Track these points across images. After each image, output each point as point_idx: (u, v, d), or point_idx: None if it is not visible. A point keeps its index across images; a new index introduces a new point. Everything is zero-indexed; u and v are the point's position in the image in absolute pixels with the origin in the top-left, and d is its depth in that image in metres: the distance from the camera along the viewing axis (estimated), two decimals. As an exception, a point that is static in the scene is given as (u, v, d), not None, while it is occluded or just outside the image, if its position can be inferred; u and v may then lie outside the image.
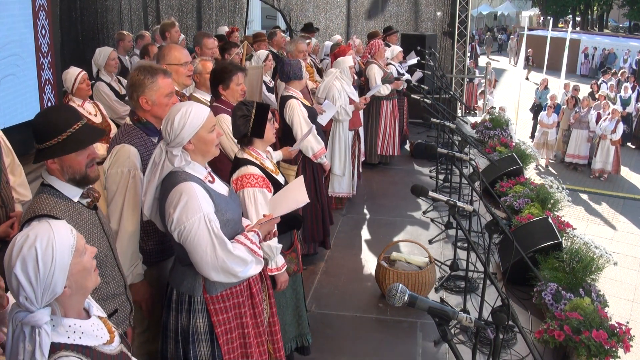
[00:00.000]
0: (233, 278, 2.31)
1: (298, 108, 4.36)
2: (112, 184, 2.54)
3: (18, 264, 1.45)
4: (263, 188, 2.76)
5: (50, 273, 1.46)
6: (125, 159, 2.54)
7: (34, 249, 1.46)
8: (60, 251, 1.49)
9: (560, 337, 3.31)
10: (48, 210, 2.00)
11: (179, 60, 3.39)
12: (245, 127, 2.80)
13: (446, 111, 6.63)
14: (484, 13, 39.17)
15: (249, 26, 14.43)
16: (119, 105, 5.24)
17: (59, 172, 2.05)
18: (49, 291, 1.47)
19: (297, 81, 4.48)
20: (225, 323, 2.38)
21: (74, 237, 1.54)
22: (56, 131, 1.99)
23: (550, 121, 13.05)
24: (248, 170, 2.78)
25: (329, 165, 4.67)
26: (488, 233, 3.47)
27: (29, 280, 1.45)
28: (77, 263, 1.54)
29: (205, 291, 2.35)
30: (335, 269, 4.77)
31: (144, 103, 2.63)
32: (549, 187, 5.58)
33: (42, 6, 6.41)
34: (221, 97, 3.61)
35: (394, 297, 1.91)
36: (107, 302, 2.24)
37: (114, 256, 2.30)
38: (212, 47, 5.15)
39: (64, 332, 1.53)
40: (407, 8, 10.47)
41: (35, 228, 1.52)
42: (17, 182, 3.02)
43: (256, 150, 2.89)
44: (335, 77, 5.50)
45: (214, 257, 2.22)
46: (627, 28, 36.07)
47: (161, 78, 2.65)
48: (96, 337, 1.60)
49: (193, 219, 2.19)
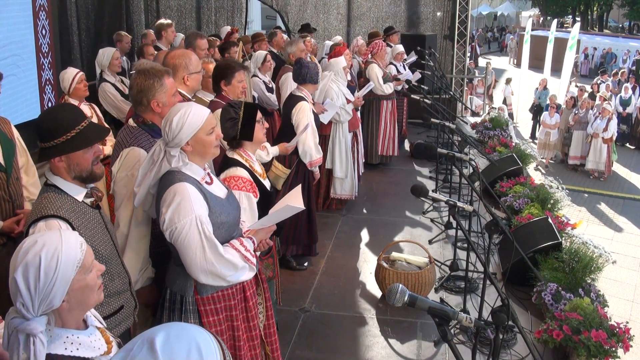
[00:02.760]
0: (222, 282, 2.30)
1: (308, 112, 4.37)
2: (121, 188, 2.53)
3: (20, 269, 1.44)
4: (250, 192, 2.75)
5: (50, 285, 1.44)
6: (134, 162, 2.53)
7: (38, 257, 1.44)
8: (65, 265, 1.46)
9: (560, 337, 3.32)
10: (55, 210, 2.01)
11: (198, 67, 3.35)
12: (233, 130, 2.79)
13: (446, 111, 6.63)
14: (483, 13, 39.19)
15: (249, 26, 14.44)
16: (126, 105, 5.23)
17: (65, 170, 2.07)
18: (46, 302, 1.45)
19: (311, 84, 4.52)
20: (215, 325, 2.38)
21: (82, 252, 1.52)
22: (64, 129, 2.02)
23: (552, 121, 13.06)
24: (237, 172, 2.77)
25: (318, 176, 4.71)
26: (488, 233, 3.47)
27: (28, 288, 1.43)
28: (80, 280, 1.51)
29: (197, 292, 2.35)
30: (335, 269, 4.77)
31: (155, 106, 2.63)
32: (549, 187, 5.59)
33: (42, 6, 6.42)
34: (222, 93, 3.63)
35: (394, 297, 1.92)
36: (113, 299, 2.26)
37: (118, 254, 2.32)
38: (205, 47, 5.15)
39: (62, 343, 1.51)
40: (407, 8, 10.47)
41: (45, 235, 1.50)
42: (30, 181, 3.05)
43: (246, 152, 2.87)
44: (331, 80, 5.49)
45: (203, 260, 2.22)
46: (627, 28, 36.08)
47: (167, 79, 2.67)
48: (94, 348, 1.58)
49: (184, 220, 2.19)
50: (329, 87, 5.44)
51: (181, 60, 3.26)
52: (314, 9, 10.51)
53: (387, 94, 7.03)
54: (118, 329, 2.26)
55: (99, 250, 2.15)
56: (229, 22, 11.30)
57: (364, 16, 10.55)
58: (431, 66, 8.32)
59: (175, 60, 3.26)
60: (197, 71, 3.31)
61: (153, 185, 2.34)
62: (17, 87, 6.03)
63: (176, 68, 3.24)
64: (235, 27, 9.29)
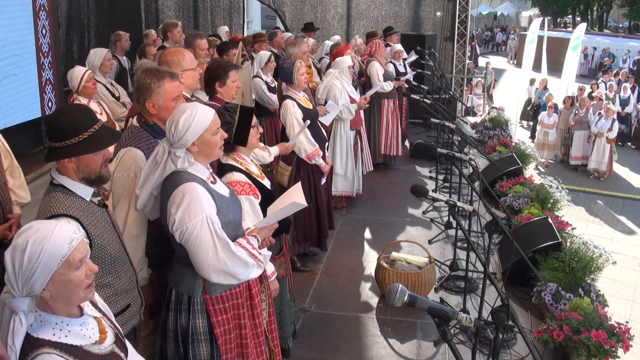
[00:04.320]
0: (233, 280, 2.31)
1: (292, 109, 4.37)
2: (118, 188, 2.53)
3: (10, 249, 1.50)
4: (250, 195, 2.73)
5: (31, 271, 1.48)
6: (131, 162, 2.53)
7: (26, 242, 1.49)
8: (48, 256, 1.49)
9: (560, 337, 3.32)
10: (65, 210, 2.01)
11: (192, 64, 3.27)
12: (227, 134, 2.79)
13: (446, 111, 6.63)
14: (483, 13, 39.19)
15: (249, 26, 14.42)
16: (117, 107, 5.23)
17: (74, 171, 2.06)
18: (27, 286, 1.50)
19: (289, 84, 4.48)
20: (224, 324, 2.38)
21: (70, 248, 1.53)
22: (77, 130, 2.01)
23: (550, 121, 13.06)
24: (234, 177, 2.74)
25: (326, 167, 4.57)
26: (488, 233, 3.48)
27: (13, 268, 1.49)
28: (63, 274, 1.53)
29: (205, 292, 2.35)
30: (335, 269, 4.77)
31: (150, 107, 2.61)
32: (549, 187, 5.59)
33: (42, 6, 6.42)
34: (216, 95, 3.57)
35: (393, 297, 1.92)
36: (120, 298, 2.26)
37: (125, 252, 2.32)
38: (205, 47, 5.14)
39: (50, 329, 1.54)
40: (407, 8, 10.46)
41: (43, 223, 1.55)
42: (17, 184, 3.00)
43: (240, 156, 2.83)
44: (335, 77, 5.51)
45: (215, 259, 2.22)
46: (627, 28, 36.08)
47: (168, 82, 2.62)
48: (83, 336, 1.60)
49: (195, 220, 2.19)
50: (332, 85, 5.45)
51: (173, 57, 3.21)
52: (310, 8, 10.49)
53: (388, 92, 7.03)
54: (124, 328, 2.26)
55: (107, 249, 2.15)
56: (226, 22, 11.29)
57: (362, 15, 10.53)
58: (431, 66, 8.33)
59: (167, 57, 3.23)
60: (191, 68, 3.24)
61: (156, 187, 2.34)
62: (17, 87, 6.04)
63: (168, 65, 3.20)
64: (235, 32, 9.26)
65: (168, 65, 3.20)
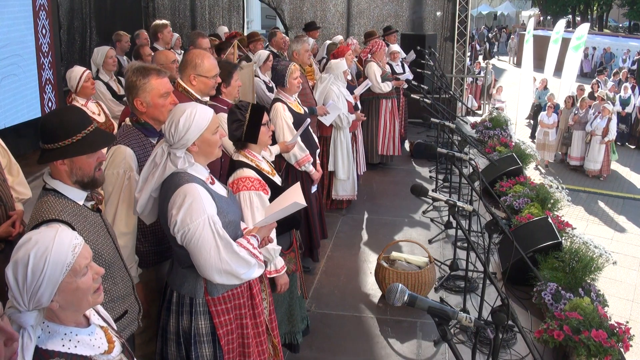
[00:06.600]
0: (235, 280, 2.31)
1: (282, 112, 4.27)
2: (107, 185, 2.52)
3: (11, 265, 1.45)
4: (259, 191, 2.75)
5: (37, 284, 1.43)
6: (121, 160, 2.52)
7: (27, 256, 1.44)
8: (53, 267, 1.44)
9: (560, 337, 3.32)
10: (57, 215, 1.96)
11: (209, 72, 3.20)
12: (238, 132, 2.80)
13: (446, 111, 6.63)
14: (483, 13, 39.17)
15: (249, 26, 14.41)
16: (114, 105, 5.23)
17: (67, 174, 2.02)
18: (35, 300, 1.44)
19: (280, 86, 4.39)
20: (227, 324, 2.39)
21: (74, 255, 1.49)
22: (70, 132, 1.97)
23: (550, 121, 13.04)
24: (244, 173, 2.77)
25: (317, 175, 4.42)
26: (488, 233, 3.47)
27: (17, 284, 1.43)
28: (71, 282, 1.49)
29: (207, 293, 2.35)
30: (335, 269, 4.77)
31: (139, 105, 2.59)
32: (549, 187, 5.59)
33: (42, 6, 6.42)
34: (220, 96, 3.59)
35: (393, 297, 1.92)
36: (117, 304, 2.24)
37: (121, 257, 2.30)
38: (207, 47, 5.12)
39: (59, 340, 1.50)
40: (407, 7, 10.46)
41: (41, 233, 1.50)
42: (16, 181, 3.01)
43: (252, 153, 2.87)
44: (331, 82, 5.48)
45: (218, 260, 2.22)
46: (627, 28, 36.07)
47: (154, 78, 2.59)
48: (93, 346, 1.57)
49: (197, 221, 2.18)
50: (329, 90, 5.43)
51: (193, 58, 3.19)
52: (310, 6, 10.47)
53: (386, 93, 7.02)
54: (122, 335, 2.22)
55: (102, 254, 2.13)
56: (225, 21, 11.27)
57: (363, 14, 10.51)
58: (431, 66, 8.32)
59: (188, 56, 3.22)
60: (207, 75, 3.18)
61: (156, 189, 2.33)
62: (17, 87, 6.04)
63: (185, 64, 3.19)
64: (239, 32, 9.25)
65: (185, 64, 3.17)
